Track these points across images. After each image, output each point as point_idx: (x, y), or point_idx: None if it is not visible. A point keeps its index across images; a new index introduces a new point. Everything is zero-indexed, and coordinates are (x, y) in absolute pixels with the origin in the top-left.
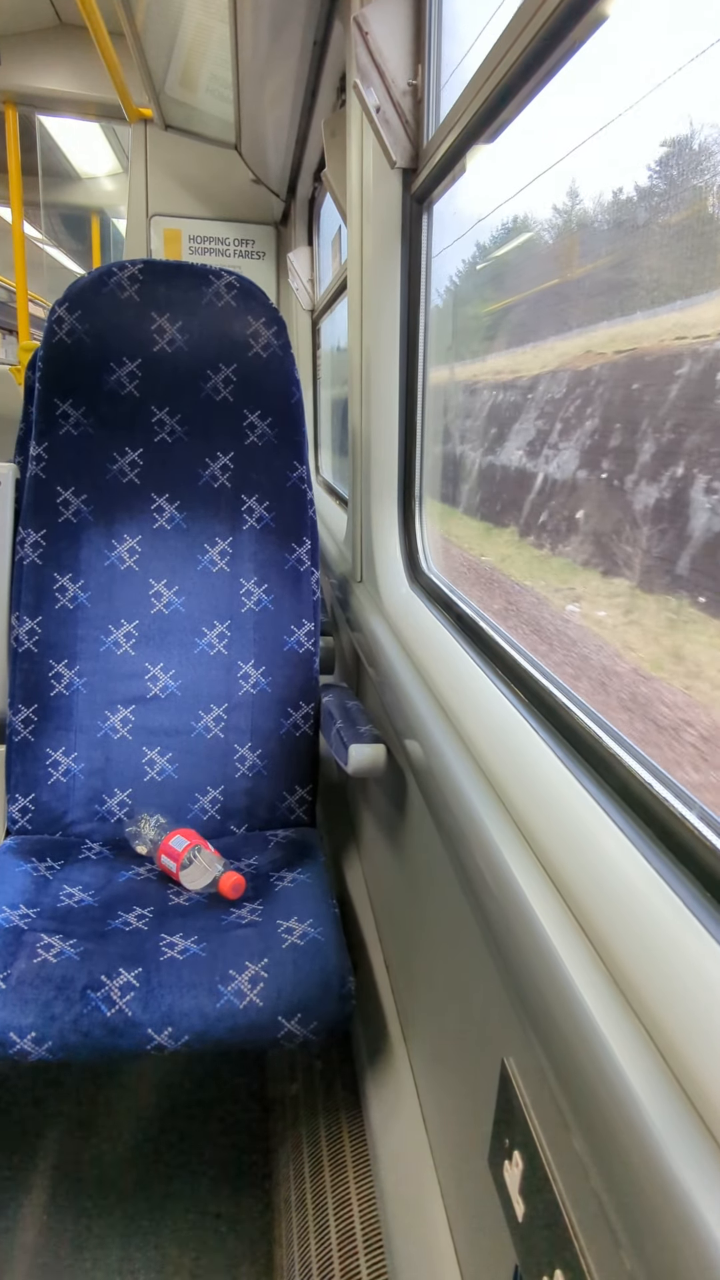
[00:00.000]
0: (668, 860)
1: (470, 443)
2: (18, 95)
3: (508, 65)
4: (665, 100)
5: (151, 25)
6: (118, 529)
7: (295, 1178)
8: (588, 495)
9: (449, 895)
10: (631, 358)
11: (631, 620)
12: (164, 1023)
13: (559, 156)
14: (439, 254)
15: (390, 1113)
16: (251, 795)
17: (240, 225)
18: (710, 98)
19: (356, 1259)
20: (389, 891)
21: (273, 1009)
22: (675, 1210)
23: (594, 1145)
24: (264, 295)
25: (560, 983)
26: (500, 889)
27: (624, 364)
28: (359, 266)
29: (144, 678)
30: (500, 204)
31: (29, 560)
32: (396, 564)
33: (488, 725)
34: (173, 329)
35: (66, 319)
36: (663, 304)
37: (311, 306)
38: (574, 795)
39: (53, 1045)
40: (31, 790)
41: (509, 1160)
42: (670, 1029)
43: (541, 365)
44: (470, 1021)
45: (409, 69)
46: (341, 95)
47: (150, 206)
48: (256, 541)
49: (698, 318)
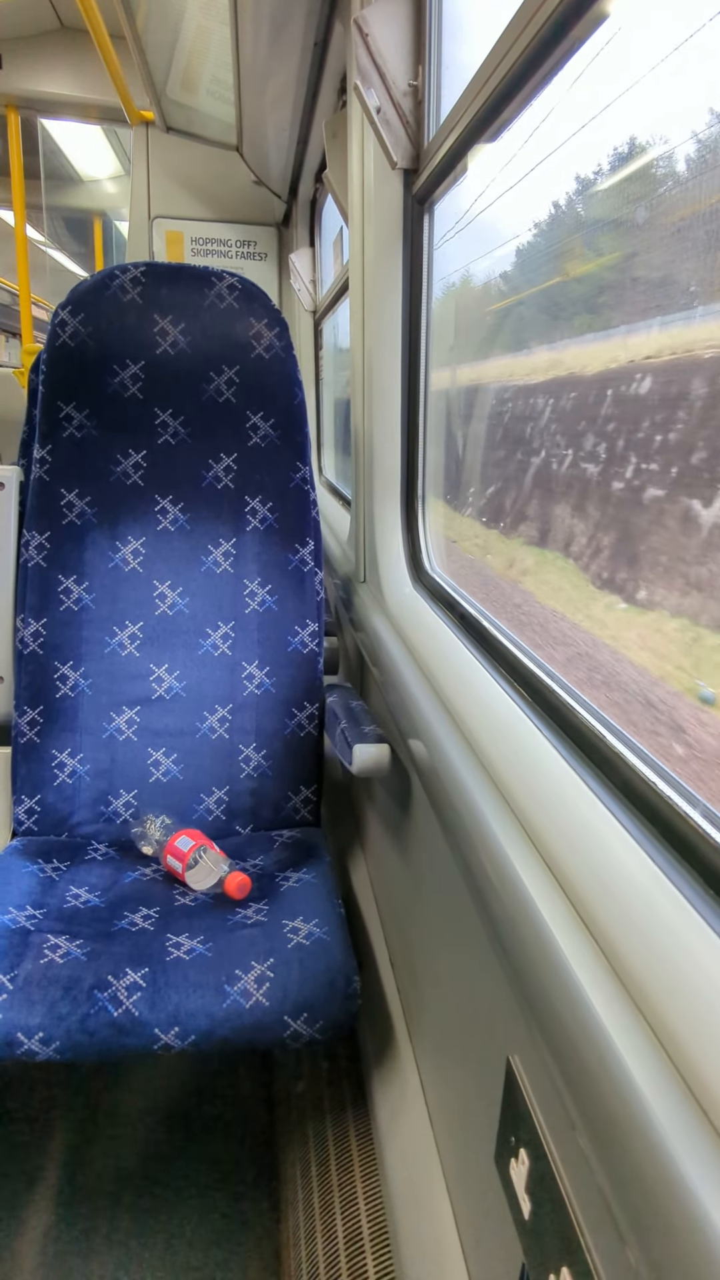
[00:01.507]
0: (672, 858)
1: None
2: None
3: (509, 64)
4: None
5: (152, 28)
6: (121, 531)
7: (302, 1176)
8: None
9: (453, 894)
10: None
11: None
12: (171, 1022)
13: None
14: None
15: (396, 1111)
16: (256, 796)
17: (242, 227)
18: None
19: (363, 1257)
20: (394, 891)
21: (279, 1008)
22: (679, 1206)
23: (598, 1142)
24: (266, 297)
25: (565, 980)
26: (505, 887)
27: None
28: (361, 267)
29: (148, 679)
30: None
31: (33, 562)
32: (400, 564)
33: (491, 724)
34: (175, 331)
35: (69, 322)
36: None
37: (314, 307)
38: (578, 794)
39: (60, 1045)
40: (37, 792)
41: (515, 1158)
42: (674, 1025)
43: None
44: (475, 1019)
45: (409, 70)
46: (342, 96)
47: (152, 209)
48: (260, 542)
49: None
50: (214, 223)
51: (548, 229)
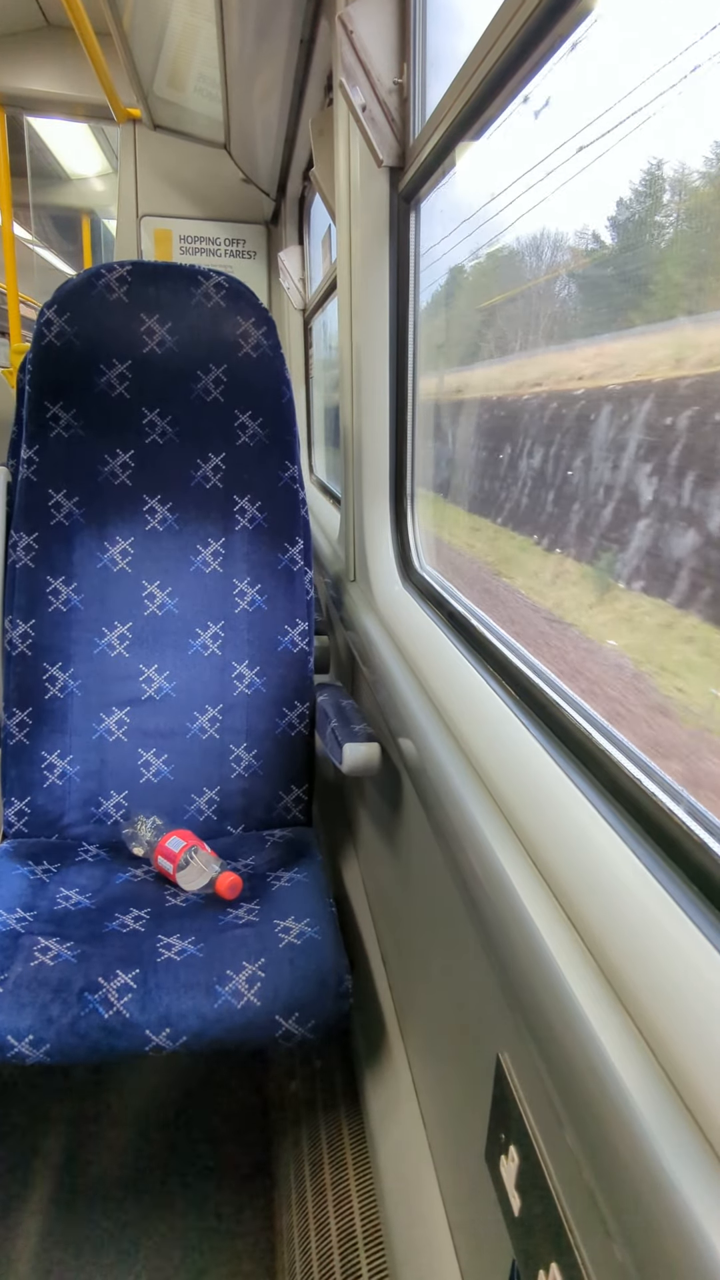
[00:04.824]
0: (658, 856)
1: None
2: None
3: (492, 61)
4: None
5: (138, 25)
6: (110, 531)
7: (295, 1175)
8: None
9: (444, 892)
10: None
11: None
12: (162, 1024)
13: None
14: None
15: (388, 1109)
16: (247, 795)
17: (231, 225)
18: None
19: (357, 1255)
20: (385, 890)
21: (270, 1008)
22: (663, 1202)
23: (585, 1139)
24: (253, 295)
25: (552, 977)
26: (493, 885)
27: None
28: (348, 266)
29: (138, 679)
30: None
31: (21, 564)
32: (389, 562)
33: (480, 723)
34: (162, 330)
35: (56, 321)
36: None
37: (303, 305)
38: (565, 791)
39: (51, 1048)
40: (27, 793)
41: (505, 1155)
42: (659, 1023)
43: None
44: (466, 1017)
45: (394, 67)
46: (328, 94)
47: (140, 207)
48: (249, 542)
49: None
50: (202, 221)
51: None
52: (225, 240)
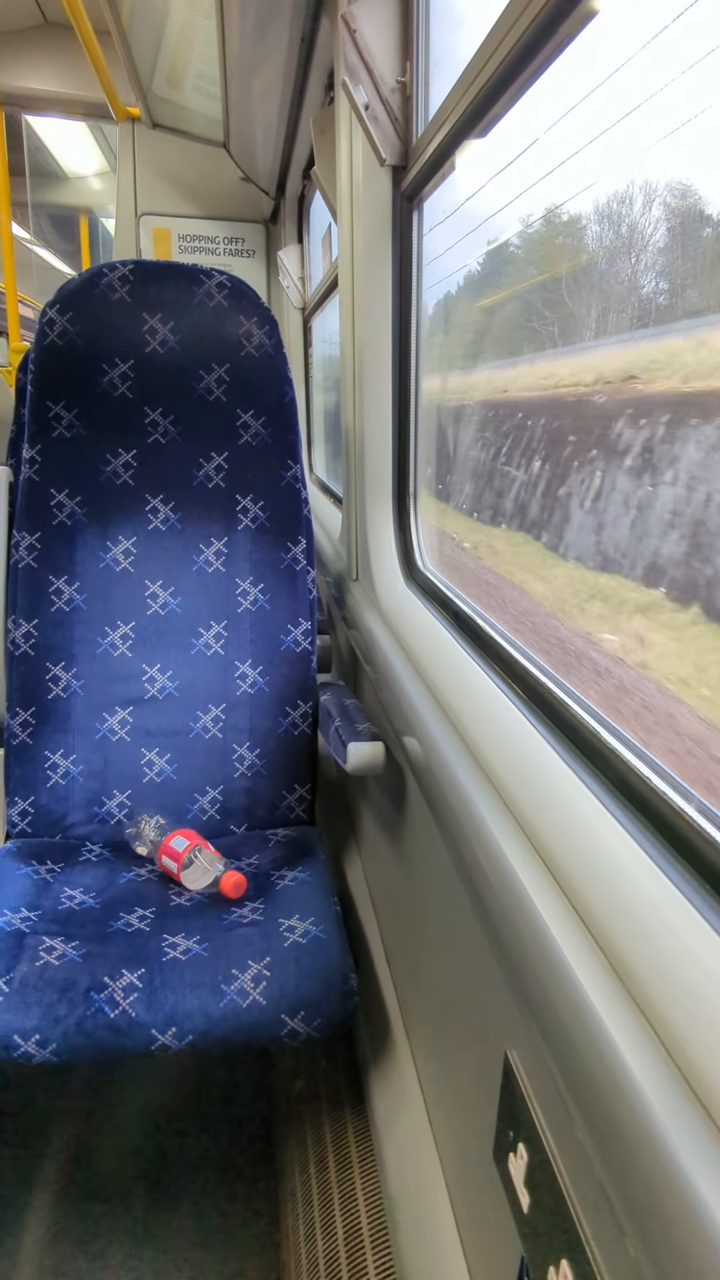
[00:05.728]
0: (665, 852)
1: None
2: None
3: (498, 60)
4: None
5: (137, 23)
6: (112, 530)
7: (300, 1174)
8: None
9: (449, 890)
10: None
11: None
12: (168, 1023)
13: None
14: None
15: (394, 1108)
16: (251, 795)
17: (230, 224)
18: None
19: (363, 1254)
20: (389, 888)
21: (275, 1007)
22: (678, 1198)
23: (597, 1135)
24: (255, 294)
25: (561, 974)
26: (500, 882)
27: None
28: (350, 265)
29: (141, 679)
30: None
31: (24, 563)
32: (392, 561)
33: (485, 720)
34: (164, 329)
35: (58, 320)
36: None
37: (303, 304)
38: (572, 788)
39: (57, 1047)
40: (31, 793)
41: (513, 1153)
42: (670, 1018)
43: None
44: (472, 1015)
45: (397, 66)
46: (329, 92)
47: (139, 206)
48: (251, 541)
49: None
50: (201, 220)
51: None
52: (224, 239)
